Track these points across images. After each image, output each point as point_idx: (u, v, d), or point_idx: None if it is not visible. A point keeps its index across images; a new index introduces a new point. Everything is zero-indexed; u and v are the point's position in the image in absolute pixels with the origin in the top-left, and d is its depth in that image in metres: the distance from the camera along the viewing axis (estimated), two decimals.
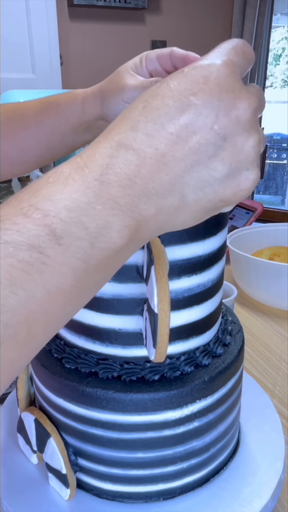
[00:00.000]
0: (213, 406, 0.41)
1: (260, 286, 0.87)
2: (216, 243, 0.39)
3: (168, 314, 0.31)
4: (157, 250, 0.33)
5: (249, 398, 0.54)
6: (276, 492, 0.44)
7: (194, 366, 0.40)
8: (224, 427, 0.43)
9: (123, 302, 0.38)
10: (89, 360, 0.40)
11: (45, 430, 0.42)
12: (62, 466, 0.41)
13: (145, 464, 0.40)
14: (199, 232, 0.37)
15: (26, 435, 0.45)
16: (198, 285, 0.39)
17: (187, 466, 0.42)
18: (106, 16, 2.42)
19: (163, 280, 0.31)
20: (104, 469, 0.41)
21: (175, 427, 0.39)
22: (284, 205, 3.72)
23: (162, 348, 0.32)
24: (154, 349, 0.33)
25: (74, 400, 0.39)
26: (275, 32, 3.12)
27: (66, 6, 2.34)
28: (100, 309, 0.38)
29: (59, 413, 0.41)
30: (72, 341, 0.42)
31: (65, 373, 0.40)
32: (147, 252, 0.34)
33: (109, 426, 0.39)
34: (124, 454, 0.40)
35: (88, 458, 0.41)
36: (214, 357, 0.42)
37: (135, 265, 0.36)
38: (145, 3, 2.42)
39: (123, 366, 0.40)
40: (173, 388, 0.38)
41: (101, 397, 0.38)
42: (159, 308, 0.31)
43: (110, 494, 0.42)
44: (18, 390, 0.48)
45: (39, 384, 0.43)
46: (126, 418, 0.38)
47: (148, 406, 0.38)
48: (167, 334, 0.32)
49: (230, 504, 0.42)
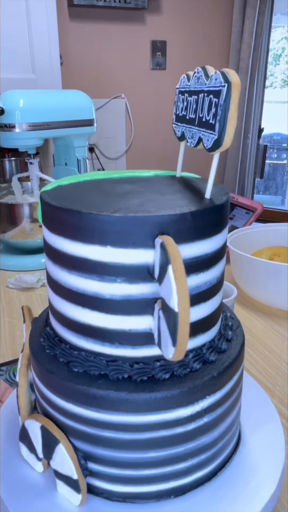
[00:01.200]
0: (221, 400, 0.41)
1: (260, 286, 0.87)
2: (220, 241, 0.40)
3: (188, 312, 0.32)
4: (173, 249, 0.33)
5: (249, 398, 0.54)
6: (280, 484, 0.45)
7: (202, 362, 0.41)
8: (229, 421, 0.44)
9: (134, 302, 0.38)
10: (98, 362, 0.40)
11: (53, 436, 0.41)
12: (74, 471, 0.40)
13: (157, 463, 0.41)
14: (207, 229, 0.38)
15: (30, 444, 0.44)
16: (205, 283, 0.40)
17: (197, 462, 0.42)
18: (106, 16, 2.40)
19: (182, 279, 0.32)
20: (115, 471, 0.41)
21: (187, 424, 0.40)
22: (284, 205, 3.71)
23: (182, 346, 0.32)
24: (174, 348, 0.33)
25: (85, 403, 0.39)
26: (275, 32, 3.10)
27: (66, 6, 2.31)
28: (110, 311, 0.38)
29: (68, 418, 0.41)
30: (79, 344, 0.41)
31: (73, 377, 0.40)
32: (162, 252, 0.34)
33: (121, 428, 0.39)
34: (136, 454, 0.40)
35: (99, 461, 0.41)
36: (220, 353, 0.43)
37: (145, 265, 0.36)
38: (145, 3, 2.40)
39: (133, 367, 0.40)
40: (184, 386, 0.39)
41: (114, 399, 0.38)
42: (179, 306, 0.31)
43: (121, 496, 0.42)
44: (19, 397, 0.47)
45: (45, 390, 0.42)
46: (139, 418, 0.38)
47: (161, 404, 0.38)
48: (187, 332, 0.32)
49: (239, 496, 0.43)
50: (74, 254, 0.38)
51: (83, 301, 0.39)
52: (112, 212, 0.36)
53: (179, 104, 0.45)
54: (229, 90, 0.34)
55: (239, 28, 2.62)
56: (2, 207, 1.09)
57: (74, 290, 0.39)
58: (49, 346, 0.43)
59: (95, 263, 0.37)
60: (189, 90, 0.42)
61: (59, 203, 0.38)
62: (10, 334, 0.82)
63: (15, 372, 0.68)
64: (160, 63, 2.59)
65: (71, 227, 0.37)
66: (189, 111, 0.42)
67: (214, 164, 0.39)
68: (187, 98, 0.43)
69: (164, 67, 2.61)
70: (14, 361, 0.70)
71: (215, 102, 0.36)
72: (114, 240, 0.36)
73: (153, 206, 0.37)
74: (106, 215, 0.35)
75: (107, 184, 0.46)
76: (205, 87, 0.38)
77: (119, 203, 0.38)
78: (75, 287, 0.39)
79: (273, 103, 3.20)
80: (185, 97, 0.43)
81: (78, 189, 0.44)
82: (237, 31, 2.62)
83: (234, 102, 0.34)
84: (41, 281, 1.01)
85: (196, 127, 0.40)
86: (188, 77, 0.43)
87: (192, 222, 0.37)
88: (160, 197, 0.40)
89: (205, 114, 0.38)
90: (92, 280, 0.38)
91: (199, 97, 0.39)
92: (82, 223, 0.36)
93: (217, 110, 0.35)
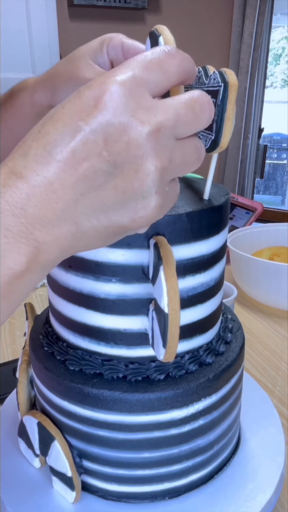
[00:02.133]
0: (217, 403, 0.41)
1: (260, 286, 0.87)
2: (218, 242, 0.40)
3: (178, 314, 0.31)
4: (165, 250, 0.33)
5: (249, 398, 0.54)
6: (278, 487, 0.45)
7: (198, 364, 0.41)
8: (227, 424, 0.44)
9: (128, 302, 0.38)
10: (93, 361, 0.40)
11: (48, 433, 0.42)
12: (68, 469, 0.41)
13: (151, 464, 0.40)
14: (203, 231, 0.38)
15: (28, 439, 0.45)
16: (202, 284, 0.39)
17: (192, 464, 0.42)
18: (106, 16, 2.41)
19: (172, 279, 0.32)
20: (109, 470, 0.41)
21: (181, 425, 0.39)
22: (284, 205, 3.70)
23: (172, 348, 0.32)
24: (164, 349, 0.33)
25: (79, 402, 0.39)
26: (275, 32, 3.10)
27: (66, 6, 2.33)
28: (105, 310, 0.38)
29: (63, 415, 0.41)
30: (76, 342, 0.41)
31: (69, 375, 0.40)
32: (154, 252, 0.34)
33: (115, 427, 0.39)
34: (130, 454, 0.40)
35: (93, 459, 0.41)
36: (217, 355, 0.42)
37: (140, 266, 0.36)
38: (145, 3, 2.41)
39: (128, 367, 0.40)
40: (179, 387, 0.38)
41: (108, 398, 0.38)
42: (169, 308, 0.31)
43: (115, 495, 0.42)
44: (18, 393, 0.47)
45: (42, 387, 0.43)
46: (132, 418, 0.38)
47: (155, 405, 0.38)
48: (177, 333, 0.32)
49: (235, 500, 0.42)
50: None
51: (79, 300, 0.39)
52: None
53: None
54: (226, 90, 0.34)
55: (239, 28, 2.61)
56: None
57: (71, 289, 0.39)
58: (48, 344, 0.43)
59: (90, 263, 0.37)
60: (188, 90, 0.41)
61: None
62: (10, 334, 0.82)
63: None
64: None
65: None
66: None
67: (213, 165, 0.38)
68: None
69: None
70: (14, 361, 0.70)
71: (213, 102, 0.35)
72: None
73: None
74: None
75: None
76: (204, 87, 0.38)
77: None
78: (72, 286, 0.39)
79: (273, 103, 3.18)
80: None
81: None
82: (237, 31, 2.62)
83: (231, 102, 0.34)
84: (41, 281, 1.01)
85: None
86: None
87: (188, 223, 0.36)
88: None
89: None
90: (88, 280, 0.38)
91: None
92: None
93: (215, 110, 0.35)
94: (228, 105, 0.34)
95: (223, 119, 0.34)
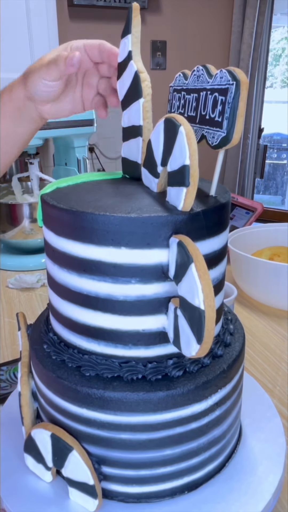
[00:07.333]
0: (230, 393, 0.42)
1: (260, 286, 0.87)
2: (224, 239, 0.41)
3: (214, 310, 0.32)
4: (193, 248, 0.33)
5: (249, 397, 0.54)
6: (279, 488, 0.45)
7: (211, 357, 0.42)
8: (235, 413, 0.45)
9: (148, 302, 0.38)
10: (110, 364, 0.39)
11: (65, 444, 0.40)
12: (90, 477, 0.40)
13: (172, 460, 0.41)
14: (215, 227, 0.39)
15: (37, 454, 0.43)
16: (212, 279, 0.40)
17: (209, 455, 0.43)
18: (106, 16, 2.33)
19: (206, 276, 0.32)
20: (130, 473, 0.41)
21: (201, 418, 0.40)
22: (284, 205, 3.69)
23: (208, 343, 0.33)
24: (198, 345, 0.33)
25: (100, 407, 0.38)
26: (275, 32, 3.08)
27: (66, 6, 2.24)
28: (123, 312, 0.38)
29: (81, 423, 0.40)
30: (89, 348, 0.40)
31: (86, 382, 0.39)
32: (180, 251, 0.34)
33: (139, 428, 0.39)
34: (152, 454, 0.40)
35: (113, 464, 0.41)
36: (226, 347, 0.44)
37: (160, 265, 0.36)
38: (145, 3, 2.36)
39: (147, 366, 0.39)
40: (199, 381, 0.39)
41: (131, 400, 0.38)
42: (205, 304, 0.32)
43: (136, 497, 0.42)
44: (22, 407, 0.45)
45: (54, 397, 0.41)
46: (156, 417, 0.38)
47: (178, 401, 0.38)
48: (213, 329, 0.32)
49: (249, 484, 0.44)
50: (85, 257, 0.37)
51: (94, 304, 0.38)
52: (127, 213, 0.35)
53: (174, 103, 0.45)
54: (238, 88, 0.35)
55: (239, 28, 2.60)
56: (2, 207, 1.08)
57: (85, 294, 0.38)
58: (56, 352, 0.42)
59: (108, 265, 0.36)
60: (187, 89, 0.42)
61: (69, 206, 0.37)
62: (10, 334, 0.80)
63: (15, 372, 0.66)
64: (160, 63, 2.56)
65: (84, 230, 0.36)
66: (188, 109, 0.42)
67: (219, 161, 0.39)
68: (184, 96, 0.43)
69: (164, 67, 2.58)
70: (14, 361, 0.70)
71: (221, 100, 0.36)
72: (128, 241, 0.36)
73: (163, 206, 0.37)
74: (121, 216, 0.35)
75: (109, 185, 0.45)
76: (208, 85, 0.38)
77: (130, 204, 0.37)
78: (86, 290, 0.38)
79: (273, 103, 3.18)
80: (181, 95, 0.43)
81: (82, 191, 0.43)
82: (237, 31, 2.60)
83: (243, 100, 0.35)
84: (41, 281, 1.01)
85: (198, 125, 0.40)
86: (185, 75, 0.43)
87: (203, 221, 0.37)
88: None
89: (209, 111, 0.38)
90: (105, 282, 0.37)
91: (200, 95, 0.40)
92: (95, 226, 0.36)
93: (224, 108, 0.36)
94: (240, 103, 0.35)
95: (236, 116, 0.35)
